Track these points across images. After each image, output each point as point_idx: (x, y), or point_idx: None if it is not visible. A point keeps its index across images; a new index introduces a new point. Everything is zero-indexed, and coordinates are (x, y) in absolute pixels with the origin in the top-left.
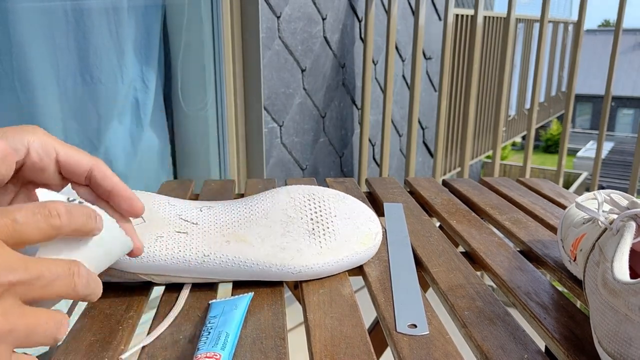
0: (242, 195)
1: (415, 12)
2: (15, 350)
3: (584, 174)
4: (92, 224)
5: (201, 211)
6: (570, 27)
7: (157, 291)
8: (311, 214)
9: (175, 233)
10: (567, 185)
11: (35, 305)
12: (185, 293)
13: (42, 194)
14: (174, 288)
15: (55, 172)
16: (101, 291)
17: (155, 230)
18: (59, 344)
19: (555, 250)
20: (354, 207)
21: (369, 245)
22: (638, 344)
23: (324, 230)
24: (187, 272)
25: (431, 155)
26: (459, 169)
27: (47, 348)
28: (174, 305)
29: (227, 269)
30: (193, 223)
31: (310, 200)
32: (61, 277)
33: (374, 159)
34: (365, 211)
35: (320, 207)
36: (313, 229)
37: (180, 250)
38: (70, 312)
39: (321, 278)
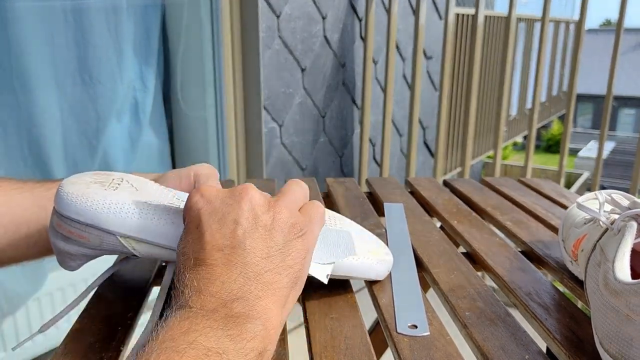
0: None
1: (415, 11)
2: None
3: (585, 174)
4: None
5: None
6: (572, 27)
7: (157, 292)
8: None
9: (167, 204)
10: (568, 185)
11: None
12: (168, 276)
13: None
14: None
15: None
16: None
17: (145, 196)
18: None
19: (557, 250)
20: (362, 230)
21: (378, 257)
22: (639, 345)
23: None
24: (172, 239)
25: (432, 155)
26: (459, 169)
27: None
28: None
29: None
30: None
31: None
32: None
33: (374, 159)
34: (373, 236)
35: (327, 220)
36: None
37: (169, 214)
38: (65, 312)
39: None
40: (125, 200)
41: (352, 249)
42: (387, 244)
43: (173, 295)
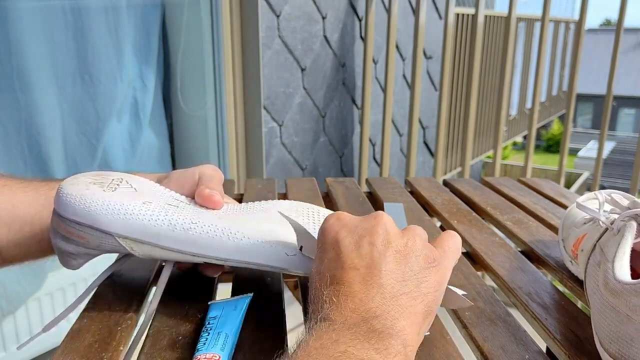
0: (241, 195)
1: (415, 11)
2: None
3: (585, 174)
4: None
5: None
6: (572, 27)
7: None
8: (313, 221)
9: (165, 204)
10: (568, 185)
11: None
12: (166, 274)
13: None
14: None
15: None
16: None
17: (144, 197)
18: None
19: (557, 250)
20: None
21: None
22: (639, 345)
23: None
24: (170, 240)
25: (432, 155)
26: (459, 169)
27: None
28: (155, 286)
29: (213, 241)
30: (186, 203)
31: (314, 212)
32: None
33: (374, 158)
34: None
35: (321, 220)
36: (315, 229)
37: (167, 215)
38: (68, 312)
39: None
40: (123, 201)
41: None
42: None
43: (311, 311)
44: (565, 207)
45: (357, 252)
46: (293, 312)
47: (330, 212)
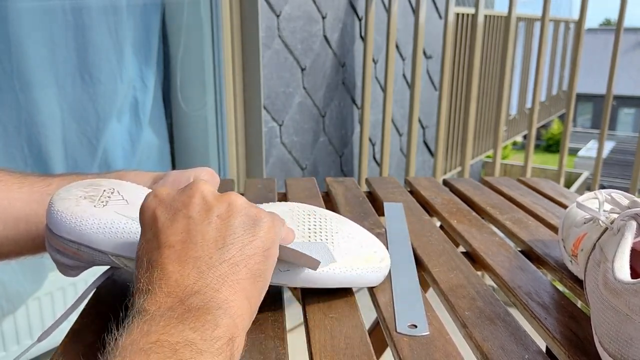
0: (242, 195)
1: (415, 11)
2: None
3: (585, 174)
4: None
5: None
6: (572, 26)
7: None
8: (309, 225)
9: None
10: (568, 185)
11: None
12: None
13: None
14: None
15: None
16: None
17: (135, 211)
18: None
19: (556, 250)
20: (359, 231)
21: (373, 265)
22: (639, 344)
23: (324, 241)
24: None
25: (432, 154)
26: (459, 169)
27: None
28: None
29: None
30: None
31: (310, 215)
32: None
33: (374, 158)
34: (371, 237)
35: (320, 223)
36: (309, 237)
37: None
38: (68, 313)
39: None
40: (115, 218)
41: (330, 257)
42: (386, 244)
43: (130, 304)
44: (565, 206)
45: (173, 229)
46: (293, 312)
47: (329, 212)
